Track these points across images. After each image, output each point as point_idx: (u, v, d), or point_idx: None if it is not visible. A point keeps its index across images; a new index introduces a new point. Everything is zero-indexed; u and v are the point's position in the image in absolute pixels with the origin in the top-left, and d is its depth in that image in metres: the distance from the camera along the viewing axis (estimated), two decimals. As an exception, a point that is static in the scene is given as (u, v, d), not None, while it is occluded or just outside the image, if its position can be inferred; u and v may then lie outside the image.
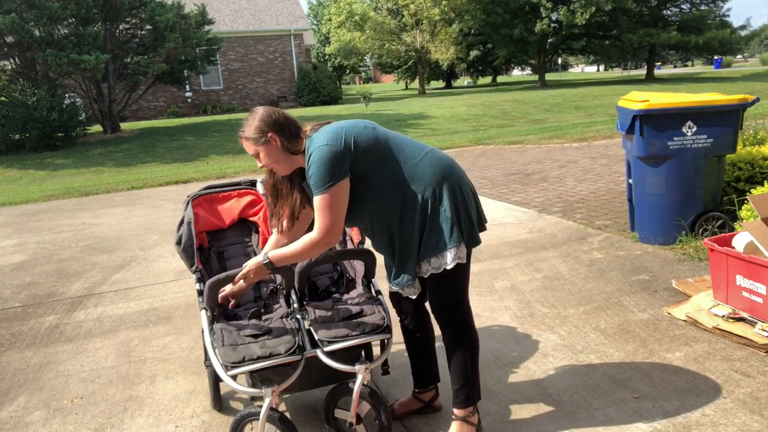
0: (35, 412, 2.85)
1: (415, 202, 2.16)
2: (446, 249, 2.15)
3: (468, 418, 2.31)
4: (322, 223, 2.07)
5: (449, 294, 2.26)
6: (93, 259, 5.45)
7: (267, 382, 2.12)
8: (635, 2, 27.96)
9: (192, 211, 2.68)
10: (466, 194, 2.21)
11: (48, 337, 3.75)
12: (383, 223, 2.21)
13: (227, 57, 26.35)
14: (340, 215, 2.08)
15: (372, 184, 2.15)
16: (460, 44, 31.81)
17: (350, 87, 49.41)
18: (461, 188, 2.20)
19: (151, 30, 17.34)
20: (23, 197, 9.29)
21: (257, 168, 10.46)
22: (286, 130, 2.17)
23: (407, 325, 2.49)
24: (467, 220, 2.19)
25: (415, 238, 2.18)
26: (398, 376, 2.91)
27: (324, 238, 2.08)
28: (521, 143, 11.21)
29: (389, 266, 2.31)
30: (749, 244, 3.13)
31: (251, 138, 2.17)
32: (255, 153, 2.19)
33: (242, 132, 2.20)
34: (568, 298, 3.74)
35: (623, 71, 53.23)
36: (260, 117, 2.18)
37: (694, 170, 4.31)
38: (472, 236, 2.20)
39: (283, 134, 2.16)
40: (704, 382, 2.67)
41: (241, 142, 2.23)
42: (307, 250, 2.11)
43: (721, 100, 4.20)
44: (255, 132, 2.16)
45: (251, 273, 2.19)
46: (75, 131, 16.28)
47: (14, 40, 14.89)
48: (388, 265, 2.32)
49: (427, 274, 2.20)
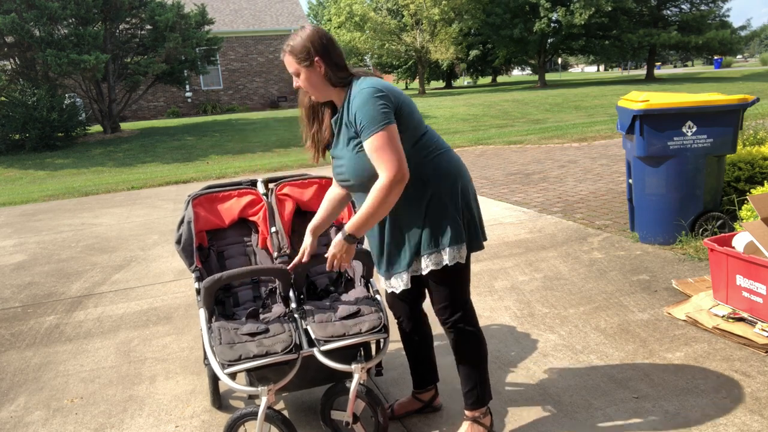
0: (35, 412, 2.85)
1: (426, 191, 2.11)
2: (447, 246, 2.12)
3: (479, 419, 2.31)
4: (388, 160, 1.95)
5: (451, 293, 2.24)
6: (93, 259, 5.45)
7: (264, 380, 2.12)
8: (635, 2, 27.97)
9: (192, 210, 2.68)
10: (472, 199, 2.21)
11: (48, 337, 3.75)
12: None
13: (227, 57, 26.36)
14: (401, 150, 1.97)
15: None
16: (460, 44, 31.82)
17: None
18: (469, 192, 2.20)
19: (151, 30, 17.35)
20: (23, 197, 9.29)
21: (257, 168, 10.48)
22: (332, 58, 2.07)
23: (405, 327, 2.48)
24: (472, 223, 2.18)
25: (417, 229, 2.14)
26: (398, 376, 2.91)
27: (397, 174, 1.94)
28: (521, 143, 11.21)
29: (383, 251, 2.23)
30: (749, 244, 3.13)
31: (296, 56, 2.04)
32: (295, 72, 2.07)
33: (287, 47, 2.06)
34: (568, 298, 3.74)
35: (623, 71, 53.26)
36: (310, 37, 2.04)
37: (694, 170, 4.31)
38: (475, 239, 2.19)
39: (329, 62, 2.06)
40: (704, 382, 2.67)
41: (282, 56, 2.09)
42: (382, 198, 1.97)
43: (721, 100, 4.20)
44: (302, 51, 2.04)
45: (340, 255, 2.11)
46: (75, 131, 16.29)
47: (14, 40, 14.90)
48: (382, 249, 2.24)
49: (427, 270, 2.16)
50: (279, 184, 2.84)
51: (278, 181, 2.86)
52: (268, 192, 2.83)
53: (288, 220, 2.76)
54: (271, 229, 2.69)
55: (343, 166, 2.14)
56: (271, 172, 9.96)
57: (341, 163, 2.15)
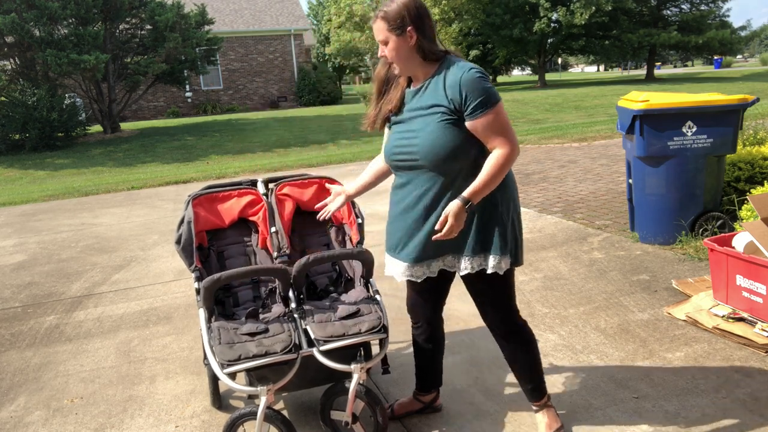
0: (35, 412, 2.85)
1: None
2: (492, 253, 2.08)
3: (548, 403, 2.37)
4: (508, 133, 1.98)
5: (502, 300, 2.20)
6: (93, 259, 5.45)
7: (264, 380, 2.12)
8: (635, 2, 27.96)
9: (192, 210, 2.68)
10: (519, 215, 2.20)
11: (48, 337, 3.75)
12: (441, 187, 2.06)
13: (227, 57, 26.36)
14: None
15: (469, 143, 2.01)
16: (460, 44, 31.75)
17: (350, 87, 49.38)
18: (519, 206, 2.19)
19: (151, 30, 17.35)
20: (23, 197, 9.29)
21: (257, 168, 10.49)
22: (425, 30, 2.00)
23: (422, 331, 2.43)
24: (519, 238, 2.16)
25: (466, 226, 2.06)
26: (398, 376, 2.91)
27: (516, 147, 1.99)
28: (521, 143, 11.21)
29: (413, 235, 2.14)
30: (749, 244, 3.13)
31: (389, 22, 1.97)
32: (384, 39, 2.00)
33: (380, 12, 2.00)
34: (568, 298, 3.73)
35: (623, 71, 53.24)
36: (406, 4, 1.97)
37: (694, 170, 4.30)
38: (520, 254, 2.17)
39: (422, 34, 1.99)
40: (704, 382, 2.67)
41: (372, 22, 2.03)
42: (502, 167, 1.98)
43: (721, 100, 4.20)
44: (396, 18, 1.96)
45: (454, 220, 1.98)
46: (75, 131, 16.29)
47: (14, 40, 14.90)
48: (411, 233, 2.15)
49: (464, 272, 2.12)
50: (279, 184, 2.84)
51: (278, 181, 2.86)
52: (268, 192, 2.83)
53: (288, 220, 2.76)
54: (271, 229, 2.69)
55: (414, 141, 2.04)
56: (271, 172, 9.96)
57: (412, 136, 2.05)
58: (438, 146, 1.99)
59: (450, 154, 1.99)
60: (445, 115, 1.98)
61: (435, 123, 2.00)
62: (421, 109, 2.05)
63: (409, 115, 2.09)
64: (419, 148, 2.03)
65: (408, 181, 2.13)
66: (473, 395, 2.70)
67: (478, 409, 2.57)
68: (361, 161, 10.59)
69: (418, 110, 2.06)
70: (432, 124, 2.00)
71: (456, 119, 1.99)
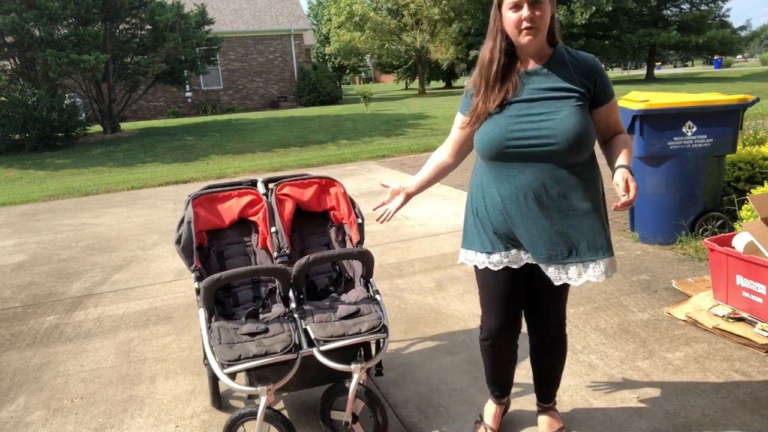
0: (35, 412, 2.85)
1: (598, 180, 2.03)
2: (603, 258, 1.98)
3: (554, 405, 2.41)
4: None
5: (564, 305, 2.20)
6: (93, 259, 5.45)
7: (264, 380, 2.12)
8: (635, 2, 27.96)
9: (192, 210, 2.68)
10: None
11: (48, 337, 3.75)
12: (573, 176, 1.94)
13: (227, 57, 26.36)
14: None
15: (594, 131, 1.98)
16: (460, 44, 31.80)
17: (350, 87, 49.41)
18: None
19: (151, 30, 17.35)
20: (23, 197, 9.29)
21: (257, 168, 10.48)
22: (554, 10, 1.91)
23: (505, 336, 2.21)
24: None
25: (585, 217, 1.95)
26: (398, 376, 2.91)
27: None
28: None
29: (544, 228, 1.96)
30: (749, 244, 3.13)
31: None
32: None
33: None
34: (568, 297, 3.73)
35: (623, 71, 53.24)
36: None
37: (694, 170, 4.31)
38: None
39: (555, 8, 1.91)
40: (704, 382, 2.67)
41: None
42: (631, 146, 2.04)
43: (721, 100, 4.20)
44: None
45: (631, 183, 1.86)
46: (75, 131, 16.29)
47: (14, 40, 14.90)
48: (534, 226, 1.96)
49: (580, 281, 1.99)
50: (279, 184, 2.84)
51: (278, 181, 2.85)
52: (268, 192, 2.83)
53: (288, 220, 2.76)
54: (271, 229, 2.69)
55: (548, 125, 1.88)
56: (271, 172, 9.96)
57: (544, 119, 1.89)
58: (577, 129, 1.87)
59: (587, 139, 1.90)
60: (579, 100, 1.91)
61: (571, 106, 1.89)
62: (552, 90, 1.92)
63: (535, 95, 1.93)
64: (555, 131, 1.88)
65: (526, 171, 1.93)
66: (473, 395, 2.70)
67: (478, 409, 2.57)
68: (361, 161, 10.59)
69: (546, 91, 1.92)
70: (568, 106, 1.89)
71: (585, 105, 1.93)
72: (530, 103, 1.92)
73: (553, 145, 1.88)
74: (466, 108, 2.06)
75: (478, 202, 2.08)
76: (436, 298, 3.85)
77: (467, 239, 2.14)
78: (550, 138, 1.88)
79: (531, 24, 1.83)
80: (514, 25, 1.85)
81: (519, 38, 1.87)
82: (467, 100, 2.06)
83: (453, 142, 2.15)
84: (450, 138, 2.16)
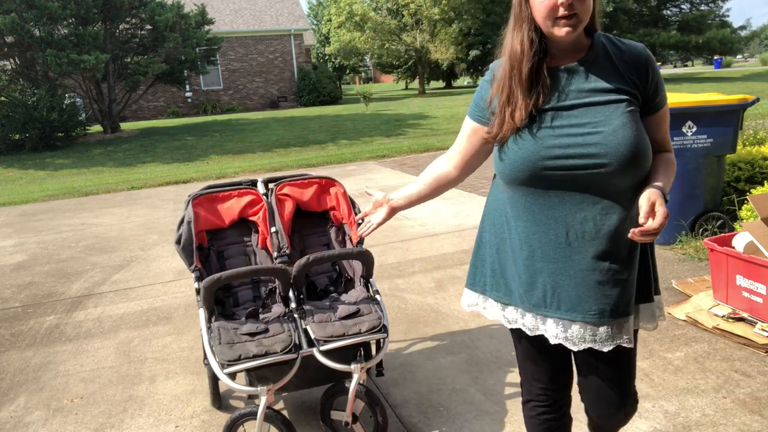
0: (35, 412, 2.85)
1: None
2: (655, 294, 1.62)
3: None
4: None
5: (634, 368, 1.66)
6: (93, 259, 5.45)
7: (264, 380, 2.12)
8: (635, 2, 27.98)
9: (192, 210, 2.68)
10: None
11: (48, 337, 3.75)
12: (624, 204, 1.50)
13: (227, 57, 26.36)
14: None
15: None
16: (460, 44, 31.81)
17: (350, 87, 49.40)
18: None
19: (151, 30, 17.35)
20: (23, 197, 9.29)
21: (257, 168, 10.49)
22: None
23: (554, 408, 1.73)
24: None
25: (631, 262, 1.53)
26: (398, 376, 2.91)
27: None
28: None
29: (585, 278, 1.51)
30: (749, 244, 3.13)
31: None
32: None
33: None
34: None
35: (623, 71, 53.18)
36: None
37: (694, 170, 4.31)
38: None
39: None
40: (704, 382, 2.67)
41: None
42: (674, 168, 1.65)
43: (721, 100, 4.20)
44: None
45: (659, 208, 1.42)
46: (75, 131, 16.29)
47: (14, 40, 14.90)
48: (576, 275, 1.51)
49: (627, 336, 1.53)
50: (279, 184, 2.84)
51: (278, 181, 2.86)
52: (268, 192, 2.83)
53: (288, 220, 2.76)
54: (271, 229, 2.69)
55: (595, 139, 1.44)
56: (271, 172, 9.96)
57: (590, 131, 1.45)
58: (634, 143, 1.44)
59: (646, 154, 1.48)
60: (631, 104, 1.47)
61: (623, 113, 1.45)
62: (595, 93, 1.48)
63: (575, 100, 1.49)
64: (607, 147, 1.43)
65: (567, 200, 1.50)
66: (473, 395, 2.70)
67: (478, 409, 2.57)
68: (361, 161, 10.59)
69: (588, 94, 1.48)
70: (618, 113, 1.45)
71: (637, 110, 1.50)
72: (569, 111, 1.48)
73: (604, 167, 1.44)
74: (479, 113, 1.63)
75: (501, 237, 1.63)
76: (436, 298, 3.85)
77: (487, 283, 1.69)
78: (600, 157, 1.44)
79: (570, 11, 1.41)
80: (547, 14, 1.43)
81: (554, 30, 1.44)
82: (482, 104, 1.62)
83: (460, 153, 1.70)
84: (456, 148, 1.71)
